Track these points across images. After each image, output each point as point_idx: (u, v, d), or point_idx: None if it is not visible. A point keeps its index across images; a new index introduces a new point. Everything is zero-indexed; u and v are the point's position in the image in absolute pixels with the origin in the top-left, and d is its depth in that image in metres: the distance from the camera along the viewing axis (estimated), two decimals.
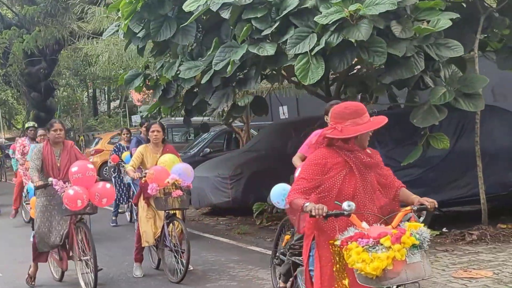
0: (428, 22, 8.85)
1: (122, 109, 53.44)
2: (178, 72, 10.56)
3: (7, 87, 47.04)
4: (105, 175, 22.39)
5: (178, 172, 8.42)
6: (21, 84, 33.96)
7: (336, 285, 4.34)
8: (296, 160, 6.42)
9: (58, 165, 8.25)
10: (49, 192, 8.16)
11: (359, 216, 4.22)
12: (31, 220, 13.62)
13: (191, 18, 9.87)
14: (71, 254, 8.31)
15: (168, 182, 8.27)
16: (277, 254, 7.06)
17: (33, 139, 14.10)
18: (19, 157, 14.39)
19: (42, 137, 12.19)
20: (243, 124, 17.10)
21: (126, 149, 12.95)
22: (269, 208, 12.71)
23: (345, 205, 4.15)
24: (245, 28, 9.33)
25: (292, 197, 4.42)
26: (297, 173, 5.71)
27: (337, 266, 4.34)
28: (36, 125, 15.08)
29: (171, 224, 8.61)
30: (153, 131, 9.04)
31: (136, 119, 47.25)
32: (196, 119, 20.87)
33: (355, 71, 11.94)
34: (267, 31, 9.28)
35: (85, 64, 45.02)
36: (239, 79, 10.44)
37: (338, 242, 4.13)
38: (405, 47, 8.72)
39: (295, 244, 6.08)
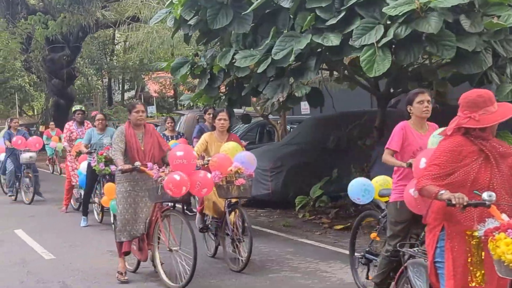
0: (498, 17, 8.69)
1: (138, 100, 53.43)
2: (234, 60, 10.41)
3: (26, 73, 47.18)
4: None
5: (241, 160, 8.29)
6: (42, 71, 33.73)
7: (469, 277, 4.22)
8: (387, 157, 6.20)
9: (142, 148, 7.94)
10: (133, 177, 7.82)
11: (497, 207, 4.09)
12: (80, 206, 13.67)
13: (252, 6, 9.75)
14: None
15: (231, 170, 8.11)
16: (362, 253, 6.94)
17: (81, 123, 13.95)
18: (66, 145, 14.02)
19: (101, 121, 12.10)
20: (278, 117, 16.98)
21: (170, 139, 12.76)
22: (311, 202, 12.63)
23: (485, 195, 4.02)
24: (309, 17, 9.20)
25: (423, 183, 4.29)
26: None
27: (473, 258, 4.22)
28: (83, 108, 14.69)
29: (232, 213, 8.48)
30: (220, 119, 8.91)
31: (151, 109, 47.16)
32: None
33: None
34: (331, 21, 9.14)
35: (100, 54, 45.29)
36: (295, 69, 10.30)
37: (479, 233, 3.99)
38: (474, 41, 8.57)
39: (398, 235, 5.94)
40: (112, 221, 11.71)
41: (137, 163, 7.62)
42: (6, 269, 9.10)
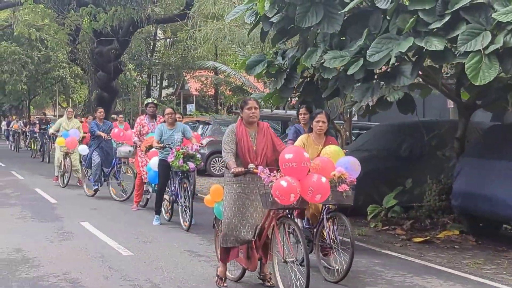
0: None
1: (177, 97, 53.39)
2: (323, 61, 10.05)
3: (68, 65, 47.32)
4: None
5: (345, 165, 7.80)
6: (89, 63, 33.59)
7: None
8: None
9: (254, 148, 7.47)
10: (244, 179, 7.37)
11: None
12: (146, 203, 13.47)
13: (349, 5, 9.38)
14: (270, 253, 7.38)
15: (334, 175, 7.65)
16: None
17: (153, 117, 13.65)
18: (136, 140, 13.58)
19: (170, 115, 11.79)
20: (343, 121, 16.62)
21: None
22: (383, 211, 12.24)
23: None
24: (411, 20, 8.83)
25: None
26: None
27: None
28: (155, 101, 14.31)
29: (330, 220, 8.07)
30: (318, 121, 8.52)
31: (191, 108, 47.17)
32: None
33: None
34: (435, 24, 8.76)
35: (141, 49, 45.26)
36: (387, 73, 9.92)
37: None
38: None
39: None
40: (181, 221, 11.47)
41: (251, 166, 7.14)
42: (87, 264, 8.81)
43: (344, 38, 10.49)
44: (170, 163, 11.22)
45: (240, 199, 7.40)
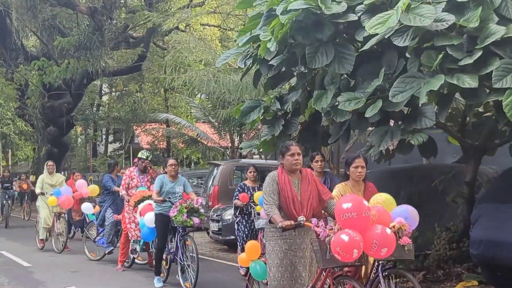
0: None
1: (125, 152, 52.20)
2: (336, 103, 9.46)
3: (12, 121, 45.75)
4: None
5: (404, 215, 6.93)
6: (40, 118, 32.41)
7: None
8: None
9: (299, 198, 6.75)
10: (290, 234, 6.64)
11: None
12: (133, 262, 12.47)
13: (369, 42, 8.81)
14: None
15: (394, 227, 6.75)
16: None
17: (143, 171, 12.80)
18: (124, 194, 12.68)
19: (174, 167, 10.95)
20: (329, 169, 15.99)
21: (252, 190, 11.64)
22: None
23: None
24: (440, 56, 8.31)
25: None
26: None
27: None
28: (150, 158, 13.34)
29: (388, 277, 7.21)
30: (356, 167, 7.79)
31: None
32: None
33: None
34: (466, 61, 8.24)
35: (86, 103, 44.24)
36: (406, 115, 9.36)
37: None
38: None
39: None
40: (181, 282, 10.60)
41: (301, 218, 6.39)
42: None
43: (352, 79, 9.99)
44: (173, 218, 10.39)
45: (287, 257, 6.66)
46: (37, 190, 16.14)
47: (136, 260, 13.09)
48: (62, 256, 14.96)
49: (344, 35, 10.08)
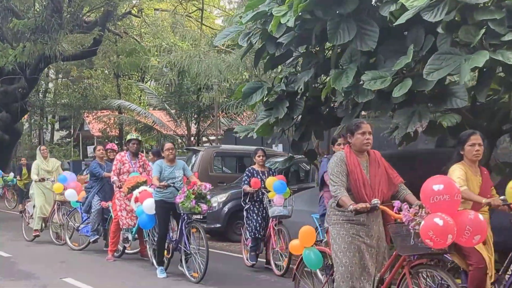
0: None
1: (74, 139, 50.84)
2: (361, 82, 8.92)
3: None
4: None
5: None
6: None
7: None
8: None
9: (369, 181, 6.12)
10: (358, 218, 6.00)
11: None
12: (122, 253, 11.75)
13: (403, 16, 8.27)
14: None
15: None
16: None
17: (135, 154, 12.00)
18: (116, 179, 11.82)
19: (171, 151, 10.31)
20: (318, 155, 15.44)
21: (261, 174, 10.96)
22: None
23: None
24: (482, 31, 7.84)
25: None
26: None
27: None
28: (140, 138, 12.57)
29: None
30: (473, 145, 6.68)
31: (91, 150, 44.73)
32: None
33: None
34: (509, 36, 7.79)
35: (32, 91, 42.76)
36: (436, 95, 8.86)
37: None
38: None
39: None
40: (185, 272, 9.96)
41: (376, 201, 5.74)
42: None
43: (372, 57, 9.48)
44: (180, 204, 9.70)
45: (354, 242, 6.03)
46: (34, 177, 14.73)
47: (126, 250, 12.33)
48: (40, 246, 14.06)
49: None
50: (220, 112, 32.34)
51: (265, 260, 11.08)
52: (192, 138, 32.29)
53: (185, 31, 20.50)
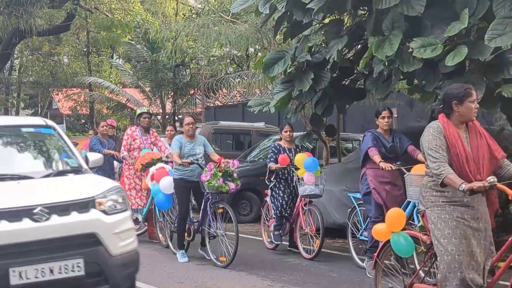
0: None
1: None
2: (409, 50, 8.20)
3: None
4: None
5: None
6: None
7: None
8: None
9: (472, 155, 5.29)
10: (461, 199, 5.24)
11: None
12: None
13: None
14: None
15: None
16: None
17: (146, 130, 11.16)
18: (126, 155, 10.97)
19: (191, 126, 9.52)
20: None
21: (288, 151, 10.18)
22: None
23: None
24: None
25: None
26: None
27: None
28: (150, 111, 11.72)
29: None
30: None
31: (62, 128, 43.46)
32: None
33: None
34: None
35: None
36: (489, 64, 8.17)
37: None
38: None
39: None
40: (210, 256, 9.21)
41: (492, 179, 4.93)
42: None
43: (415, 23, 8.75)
44: (206, 183, 8.92)
45: (460, 227, 5.22)
46: None
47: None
48: None
49: None
50: (197, 90, 31.65)
51: (288, 243, 10.37)
52: (166, 117, 31.46)
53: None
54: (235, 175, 9.16)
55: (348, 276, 8.48)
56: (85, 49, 41.43)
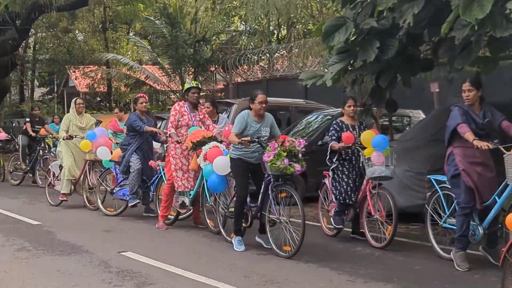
0: None
1: (54, 96, 48.60)
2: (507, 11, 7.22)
3: None
4: None
5: None
6: None
7: None
8: None
9: None
10: None
11: None
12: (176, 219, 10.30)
13: None
14: None
15: None
16: None
17: (195, 106, 10.25)
18: (173, 133, 10.03)
19: (264, 105, 8.58)
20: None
21: (352, 128, 9.25)
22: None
23: None
24: None
25: None
26: None
27: None
28: (199, 85, 10.77)
29: None
30: None
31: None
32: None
33: None
34: None
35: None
36: None
37: None
38: None
39: None
40: (272, 245, 8.31)
41: None
42: None
43: None
44: (268, 164, 8.00)
45: None
46: (62, 134, 12.90)
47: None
48: (69, 211, 12.31)
49: None
50: (216, 66, 30.87)
51: (350, 229, 9.47)
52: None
53: None
54: (300, 155, 8.22)
55: (434, 269, 7.57)
56: (100, 26, 40.53)
